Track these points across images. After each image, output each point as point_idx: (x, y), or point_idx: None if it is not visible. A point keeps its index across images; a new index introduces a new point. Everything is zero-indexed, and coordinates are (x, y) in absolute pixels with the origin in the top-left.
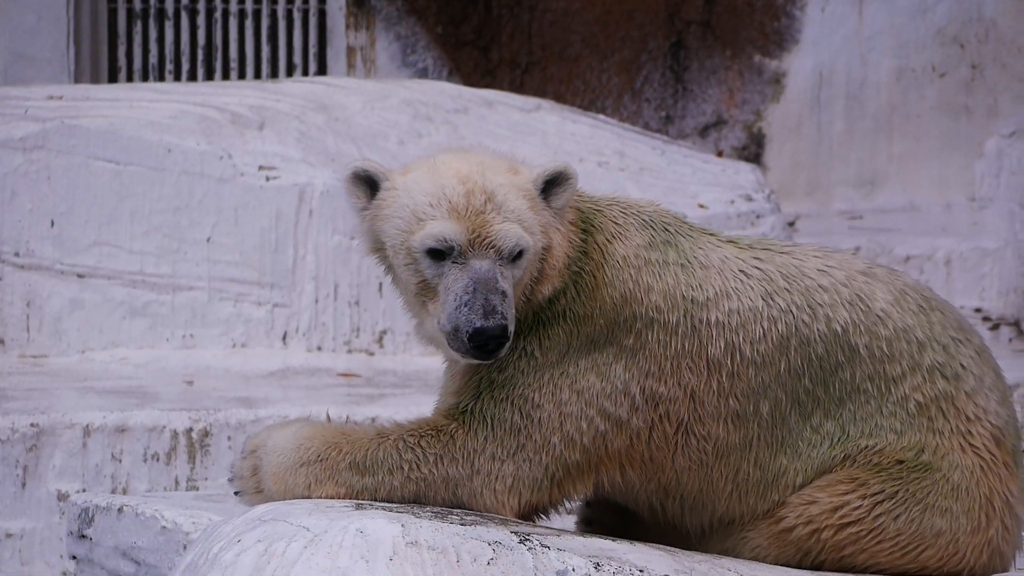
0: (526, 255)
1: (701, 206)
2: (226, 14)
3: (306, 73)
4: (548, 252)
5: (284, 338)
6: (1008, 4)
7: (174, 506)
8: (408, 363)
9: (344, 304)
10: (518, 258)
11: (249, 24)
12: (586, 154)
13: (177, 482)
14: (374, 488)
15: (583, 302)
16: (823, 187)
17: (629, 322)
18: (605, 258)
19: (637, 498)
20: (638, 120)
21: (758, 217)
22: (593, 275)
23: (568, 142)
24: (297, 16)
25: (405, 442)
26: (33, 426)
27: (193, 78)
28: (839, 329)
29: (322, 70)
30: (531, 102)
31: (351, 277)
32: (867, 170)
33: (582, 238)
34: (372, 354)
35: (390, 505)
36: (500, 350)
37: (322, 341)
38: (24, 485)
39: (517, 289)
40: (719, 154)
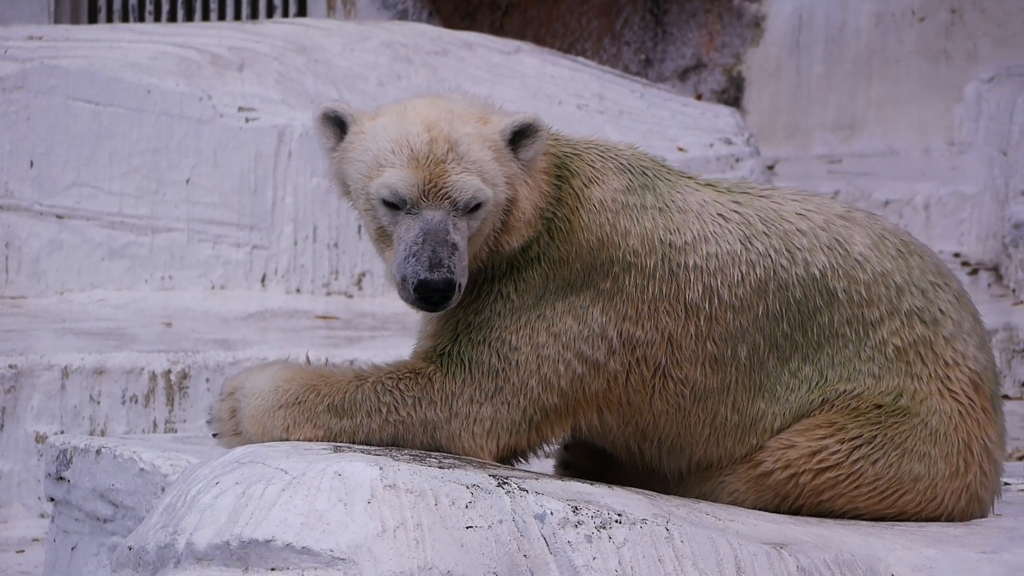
0: (484, 207)
1: (680, 149)
2: None
3: (286, 14)
4: (513, 204)
5: (263, 280)
6: None
7: (152, 448)
8: (386, 305)
9: (323, 246)
10: (476, 210)
11: None
12: (565, 97)
13: (155, 424)
14: (352, 431)
15: (558, 246)
16: (802, 131)
17: (606, 266)
18: (581, 202)
19: (615, 442)
20: (618, 63)
21: (737, 161)
22: (568, 219)
23: (548, 84)
24: None
25: (383, 385)
26: (11, 367)
27: (173, 19)
28: (817, 273)
29: (302, 11)
30: (511, 44)
31: (330, 219)
32: (846, 114)
33: (557, 184)
34: (351, 296)
35: (368, 448)
36: (446, 303)
37: (301, 283)
38: (2, 427)
39: (477, 241)
40: (698, 97)
